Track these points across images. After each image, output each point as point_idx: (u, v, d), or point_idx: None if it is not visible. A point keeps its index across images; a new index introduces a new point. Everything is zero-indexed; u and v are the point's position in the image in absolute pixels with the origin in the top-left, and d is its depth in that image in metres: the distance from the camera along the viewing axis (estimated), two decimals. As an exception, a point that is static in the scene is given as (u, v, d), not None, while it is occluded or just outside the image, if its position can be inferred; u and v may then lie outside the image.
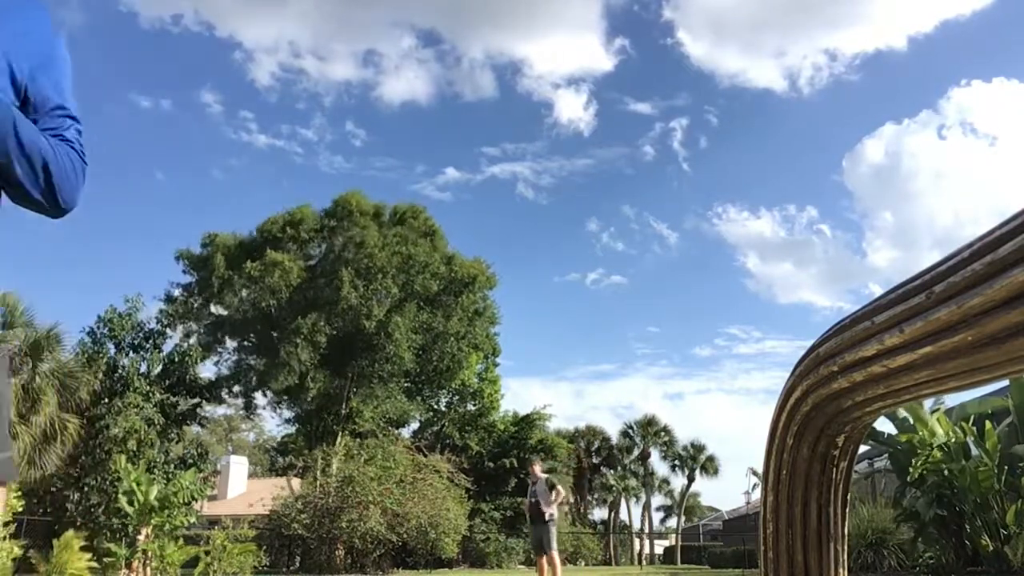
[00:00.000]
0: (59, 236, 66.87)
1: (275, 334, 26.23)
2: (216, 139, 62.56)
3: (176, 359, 22.35)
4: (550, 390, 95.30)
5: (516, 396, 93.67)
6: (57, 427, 17.96)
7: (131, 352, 21.54)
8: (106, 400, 20.02)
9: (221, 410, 37.44)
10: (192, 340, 26.42)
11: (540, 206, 66.02)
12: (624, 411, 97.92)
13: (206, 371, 25.34)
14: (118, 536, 16.58)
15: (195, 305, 27.89)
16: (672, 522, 50.21)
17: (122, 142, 63.53)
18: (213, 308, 27.97)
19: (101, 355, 20.91)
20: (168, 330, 23.69)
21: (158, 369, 21.88)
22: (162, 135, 63.40)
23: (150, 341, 21.90)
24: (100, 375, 20.46)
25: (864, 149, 72.26)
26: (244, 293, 26.67)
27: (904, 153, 72.30)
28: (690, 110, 69.83)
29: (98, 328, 21.35)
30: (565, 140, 65.71)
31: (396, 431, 30.63)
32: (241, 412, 33.52)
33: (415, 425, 34.59)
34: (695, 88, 67.31)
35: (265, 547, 20.12)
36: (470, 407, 35.70)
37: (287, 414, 30.40)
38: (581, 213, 70.15)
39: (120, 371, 20.95)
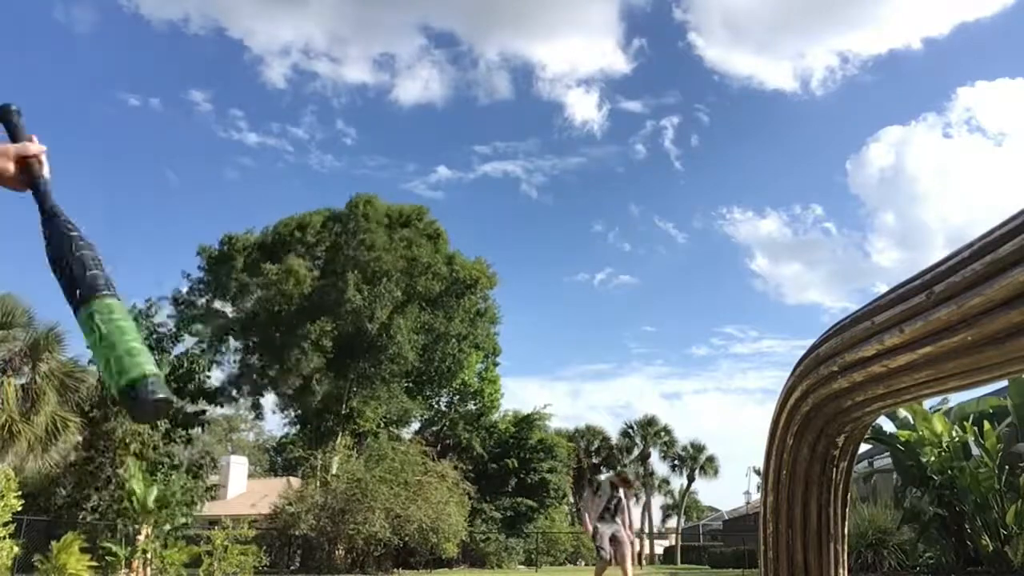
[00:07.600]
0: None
1: (280, 336, 26.28)
2: (209, 138, 62.05)
3: (184, 365, 22.31)
4: (547, 389, 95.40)
5: (513, 395, 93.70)
6: (58, 427, 17.93)
7: None
8: (111, 404, 20.01)
9: (221, 409, 37.46)
10: (204, 346, 26.47)
11: (544, 205, 65.66)
12: (621, 411, 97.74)
13: (213, 374, 25.34)
14: (119, 536, 16.57)
15: (204, 304, 27.99)
16: (672, 522, 50.20)
17: (119, 141, 63.57)
18: (220, 306, 28.06)
19: None
20: (180, 334, 23.71)
21: (165, 371, 21.84)
22: (156, 134, 63.08)
23: (160, 344, 21.89)
24: None
25: (868, 151, 72.17)
26: (258, 294, 26.78)
27: (909, 154, 72.14)
28: (696, 110, 69.59)
29: None
30: (576, 140, 65.43)
31: (400, 431, 30.70)
32: (243, 413, 33.64)
33: (416, 425, 34.63)
34: (712, 90, 67.11)
35: (266, 547, 20.11)
36: (470, 407, 35.72)
37: (291, 415, 30.48)
38: (586, 213, 69.82)
39: None
